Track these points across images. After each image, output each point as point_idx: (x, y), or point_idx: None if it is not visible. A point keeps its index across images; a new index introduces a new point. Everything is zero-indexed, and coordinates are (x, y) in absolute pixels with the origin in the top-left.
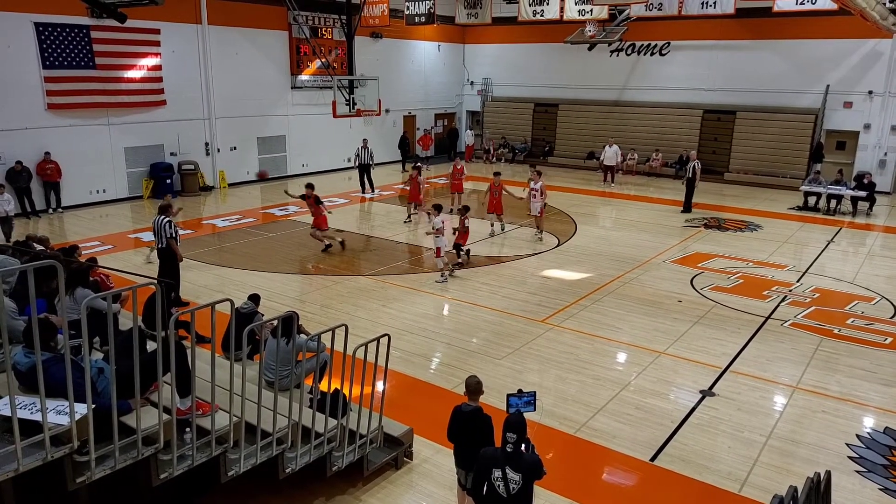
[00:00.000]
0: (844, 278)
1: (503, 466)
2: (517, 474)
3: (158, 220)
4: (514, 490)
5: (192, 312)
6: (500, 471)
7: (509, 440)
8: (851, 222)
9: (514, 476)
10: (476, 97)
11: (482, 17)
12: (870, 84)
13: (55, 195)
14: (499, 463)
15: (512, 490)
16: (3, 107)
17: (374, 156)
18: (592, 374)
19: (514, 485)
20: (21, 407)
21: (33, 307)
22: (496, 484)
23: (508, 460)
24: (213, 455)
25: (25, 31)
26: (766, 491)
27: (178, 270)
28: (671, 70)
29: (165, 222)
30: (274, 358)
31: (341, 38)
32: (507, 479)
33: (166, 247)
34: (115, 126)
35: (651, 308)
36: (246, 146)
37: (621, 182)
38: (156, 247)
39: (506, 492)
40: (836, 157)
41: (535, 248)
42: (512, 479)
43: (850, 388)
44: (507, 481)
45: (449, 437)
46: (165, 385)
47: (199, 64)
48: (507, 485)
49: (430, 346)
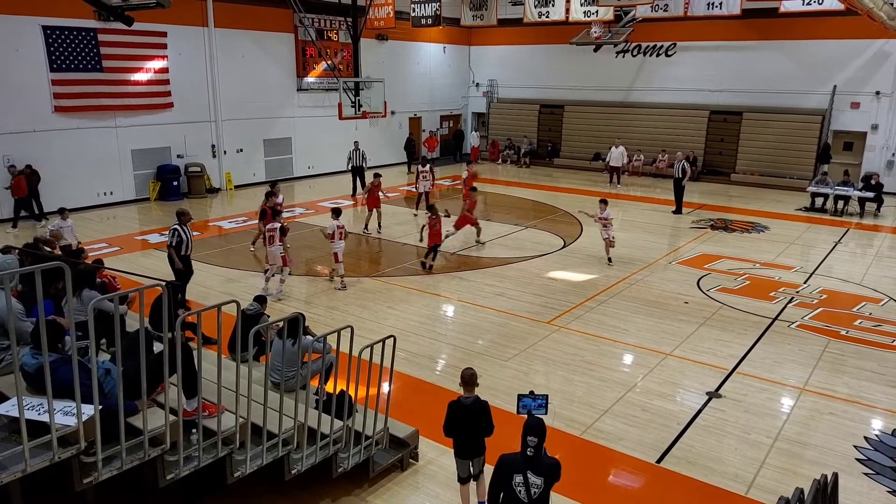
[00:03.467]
0: (852, 279)
1: (524, 471)
2: (539, 478)
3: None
4: (536, 494)
5: (198, 314)
6: (522, 475)
7: (530, 444)
8: (859, 223)
9: (535, 480)
10: (481, 99)
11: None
12: (877, 85)
13: (35, 202)
14: (519, 468)
15: (533, 494)
16: (12, 109)
17: (366, 157)
18: (599, 376)
19: (536, 489)
20: (28, 408)
21: (41, 309)
22: (517, 489)
23: (529, 464)
24: (220, 456)
25: (33, 35)
26: (774, 493)
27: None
28: (677, 71)
29: (172, 228)
30: (280, 359)
31: (347, 40)
32: (529, 484)
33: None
34: (122, 128)
35: (657, 309)
36: (252, 148)
37: (627, 183)
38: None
39: (527, 497)
40: (844, 158)
41: (541, 249)
42: (534, 484)
43: (857, 389)
44: (528, 486)
45: (447, 432)
46: (172, 386)
47: (206, 66)
48: (529, 489)
49: (435, 347)
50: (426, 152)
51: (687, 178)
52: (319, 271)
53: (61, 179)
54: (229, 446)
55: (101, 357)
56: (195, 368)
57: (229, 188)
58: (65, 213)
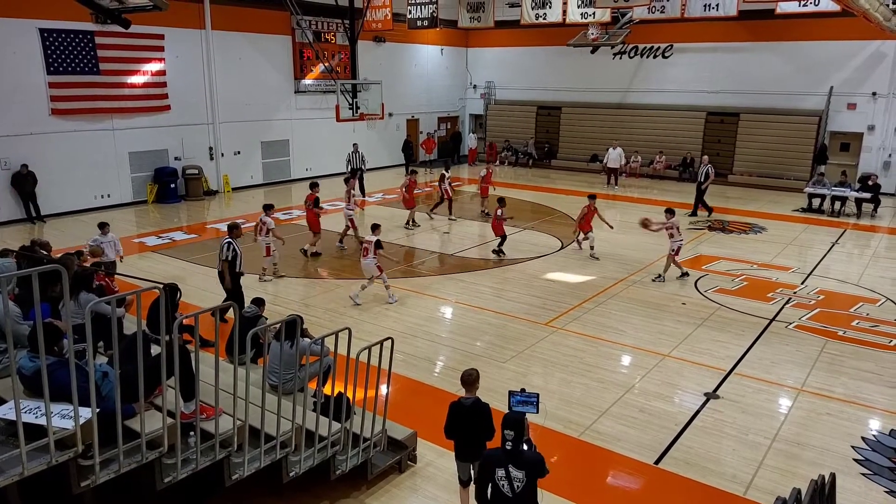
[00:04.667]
0: (849, 280)
1: (505, 465)
2: (520, 472)
3: (222, 241)
4: (519, 488)
5: (196, 316)
6: (503, 469)
7: (507, 437)
8: (856, 224)
9: (517, 474)
10: (479, 100)
11: (485, 21)
12: (873, 85)
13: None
14: (501, 462)
15: (516, 488)
16: (9, 112)
17: (365, 160)
18: (596, 377)
19: (518, 482)
20: (26, 411)
21: (38, 312)
22: (500, 483)
23: (510, 458)
24: (217, 459)
25: (30, 38)
26: (771, 494)
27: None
28: (674, 72)
29: (225, 243)
30: (278, 361)
31: (344, 42)
32: (511, 478)
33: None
34: (119, 131)
35: (655, 311)
36: (249, 150)
37: (625, 185)
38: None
39: (510, 490)
40: (840, 159)
41: (539, 251)
42: (515, 477)
43: (855, 390)
44: (510, 479)
45: (448, 434)
46: (169, 389)
47: (203, 69)
48: (511, 483)
49: (433, 349)
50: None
51: (709, 182)
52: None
53: (58, 182)
54: (227, 449)
55: (99, 360)
56: (193, 371)
57: (227, 190)
58: (105, 227)
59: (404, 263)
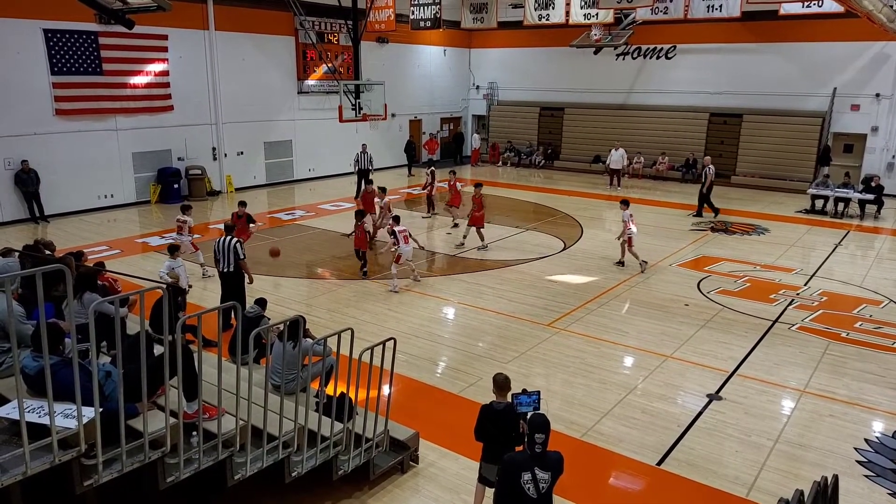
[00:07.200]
0: (852, 282)
1: (532, 468)
2: (546, 473)
3: (226, 241)
4: (544, 489)
5: (198, 316)
6: (530, 472)
7: (538, 441)
8: (859, 225)
9: (543, 475)
10: (482, 101)
11: (488, 22)
12: (877, 87)
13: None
14: (528, 465)
15: (542, 489)
16: (12, 112)
17: (373, 161)
18: (599, 378)
19: (544, 483)
20: (29, 410)
21: (41, 311)
22: (526, 486)
23: (537, 461)
24: (220, 459)
25: (34, 38)
26: (774, 495)
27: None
28: (677, 73)
29: (236, 243)
30: (280, 362)
31: (348, 43)
32: (537, 480)
33: (235, 269)
34: (122, 131)
35: (658, 312)
36: (253, 151)
37: (627, 186)
38: (219, 269)
39: (536, 492)
40: (844, 161)
41: (541, 252)
42: (542, 479)
43: (858, 391)
44: (536, 481)
45: (478, 436)
46: (172, 389)
47: (207, 69)
48: (537, 485)
49: (435, 349)
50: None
51: (708, 183)
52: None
53: (62, 182)
54: (229, 449)
55: (102, 360)
56: (195, 371)
57: (230, 191)
58: (176, 252)
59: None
